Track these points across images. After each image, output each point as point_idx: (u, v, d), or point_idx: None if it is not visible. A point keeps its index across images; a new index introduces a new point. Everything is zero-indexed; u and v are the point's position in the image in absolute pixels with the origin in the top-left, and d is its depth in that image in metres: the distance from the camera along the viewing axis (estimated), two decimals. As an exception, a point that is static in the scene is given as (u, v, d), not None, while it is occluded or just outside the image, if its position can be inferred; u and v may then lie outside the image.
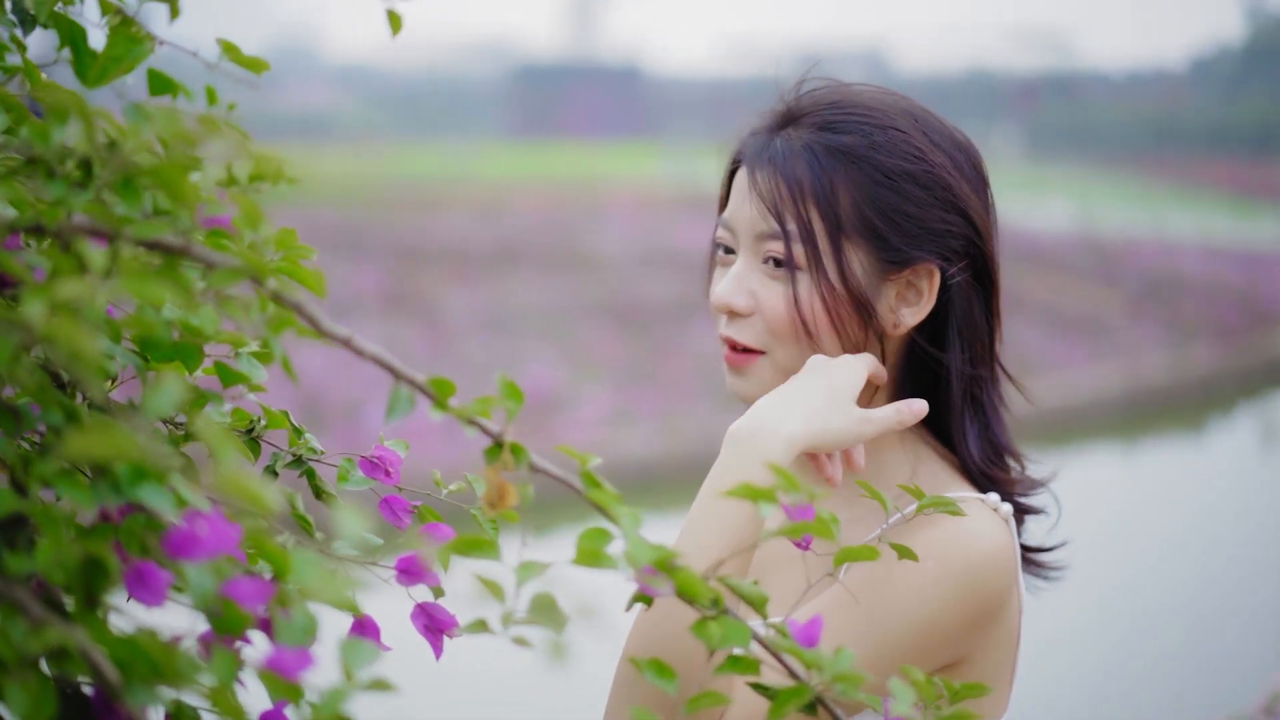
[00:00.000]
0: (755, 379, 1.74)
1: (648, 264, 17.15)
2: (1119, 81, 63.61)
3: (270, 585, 1.00)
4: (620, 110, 54.19)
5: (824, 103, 1.75)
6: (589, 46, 71.77)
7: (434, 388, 1.14)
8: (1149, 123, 49.18)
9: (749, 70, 71.40)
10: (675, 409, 11.94)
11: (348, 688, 0.96)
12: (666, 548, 1.11)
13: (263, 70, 1.22)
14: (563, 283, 16.24)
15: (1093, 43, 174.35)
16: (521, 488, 1.17)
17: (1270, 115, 48.22)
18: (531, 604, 1.11)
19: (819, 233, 1.69)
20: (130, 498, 0.98)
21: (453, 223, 18.88)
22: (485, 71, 63.99)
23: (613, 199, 22.98)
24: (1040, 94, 52.60)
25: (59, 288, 0.87)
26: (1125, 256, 18.80)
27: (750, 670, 1.16)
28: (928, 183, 1.70)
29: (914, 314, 1.73)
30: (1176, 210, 26.86)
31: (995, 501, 1.69)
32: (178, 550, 0.94)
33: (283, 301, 1.08)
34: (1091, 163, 36.17)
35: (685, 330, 14.60)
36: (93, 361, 0.86)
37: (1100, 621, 7.76)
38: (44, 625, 0.90)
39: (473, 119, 51.72)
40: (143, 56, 1.16)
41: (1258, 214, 28.04)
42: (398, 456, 1.40)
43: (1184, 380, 14.61)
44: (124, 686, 0.90)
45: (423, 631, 1.28)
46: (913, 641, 1.59)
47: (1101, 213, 22.79)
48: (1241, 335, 16.19)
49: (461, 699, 6.65)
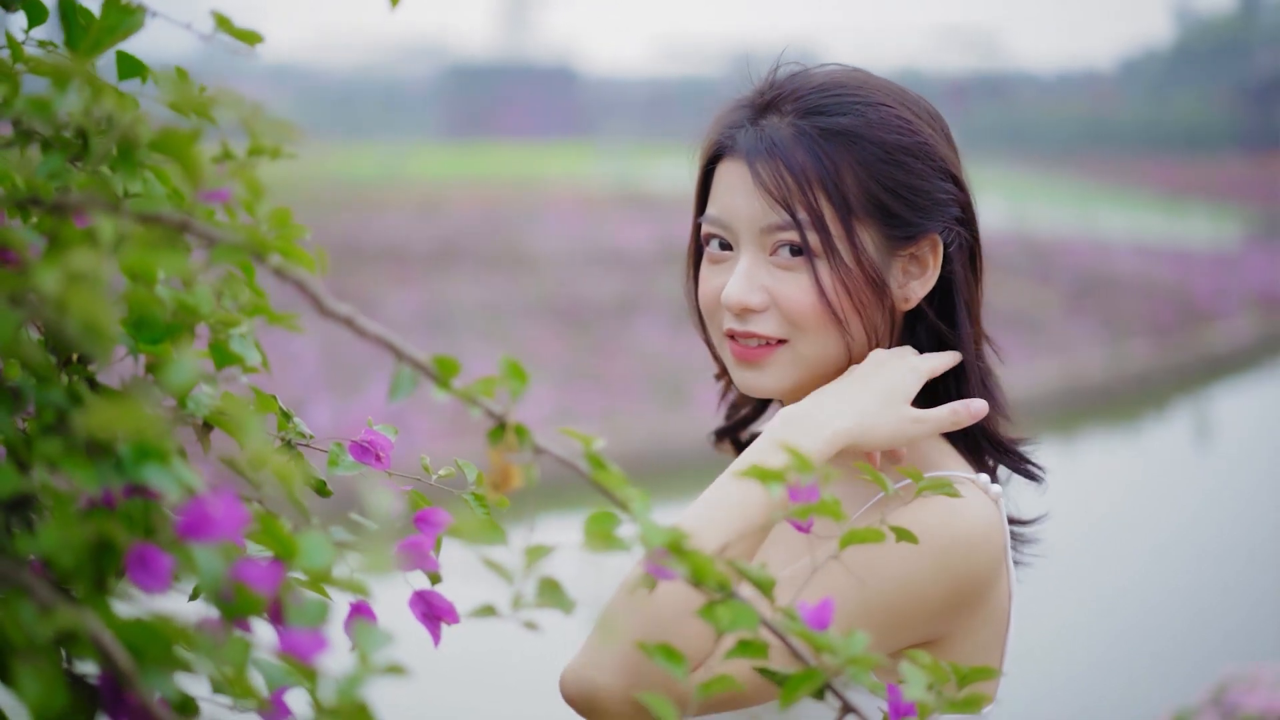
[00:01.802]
0: (775, 370, 1.72)
1: (588, 263, 17.13)
2: (1049, 82, 64.16)
3: (280, 567, 0.97)
4: (555, 110, 54.14)
5: (806, 87, 1.73)
6: (523, 47, 71.63)
7: (438, 367, 1.11)
8: (1079, 123, 49.61)
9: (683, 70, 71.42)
10: (619, 408, 11.92)
11: (363, 672, 0.93)
12: (679, 529, 1.09)
13: (256, 43, 1.19)
14: (502, 282, 16.18)
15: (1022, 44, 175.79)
16: (526, 469, 1.15)
17: (1199, 115, 48.80)
18: (539, 588, 1.09)
19: (830, 218, 1.67)
20: (134, 478, 0.95)
21: (390, 222, 18.79)
22: (419, 71, 63.79)
23: (550, 199, 22.95)
24: (971, 94, 52.95)
25: (72, 259, 0.84)
26: (1059, 255, 18.95)
27: (759, 654, 1.14)
28: (922, 154, 1.71)
29: (922, 285, 1.73)
30: (1108, 209, 27.11)
31: (986, 483, 1.68)
32: (191, 530, 0.91)
33: (285, 278, 1.05)
34: (1023, 162, 36.41)
35: (627, 329, 14.58)
36: (108, 333, 0.83)
37: (1038, 616, 7.80)
38: (53, 609, 0.87)
39: (406, 119, 51.57)
40: (135, 27, 1.13)
41: (1188, 212, 28.37)
42: (389, 441, 1.37)
43: (1119, 377, 14.73)
44: (137, 671, 0.87)
45: (421, 619, 1.25)
46: (889, 607, 1.59)
47: (1034, 212, 22.95)
48: (1175, 332, 16.35)
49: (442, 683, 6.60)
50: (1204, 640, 7.75)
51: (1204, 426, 13.97)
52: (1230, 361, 16.50)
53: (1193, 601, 8.55)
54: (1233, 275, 19.58)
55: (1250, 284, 19.07)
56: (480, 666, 6.53)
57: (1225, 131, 47.43)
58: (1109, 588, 8.58)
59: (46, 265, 0.83)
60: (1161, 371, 15.39)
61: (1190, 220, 26.89)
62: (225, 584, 0.93)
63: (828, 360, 1.70)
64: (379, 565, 0.87)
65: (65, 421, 0.97)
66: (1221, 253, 22.45)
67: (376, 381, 11.92)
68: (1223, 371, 16.18)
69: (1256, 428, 14.00)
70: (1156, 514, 10.52)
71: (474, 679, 6.63)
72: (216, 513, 0.92)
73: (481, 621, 1.13)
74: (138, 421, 0.83)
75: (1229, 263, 20.86)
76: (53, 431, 0.96)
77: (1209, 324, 17.01)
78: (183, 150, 0.98)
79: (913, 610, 1.60)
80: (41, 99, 1.00)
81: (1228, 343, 16.81)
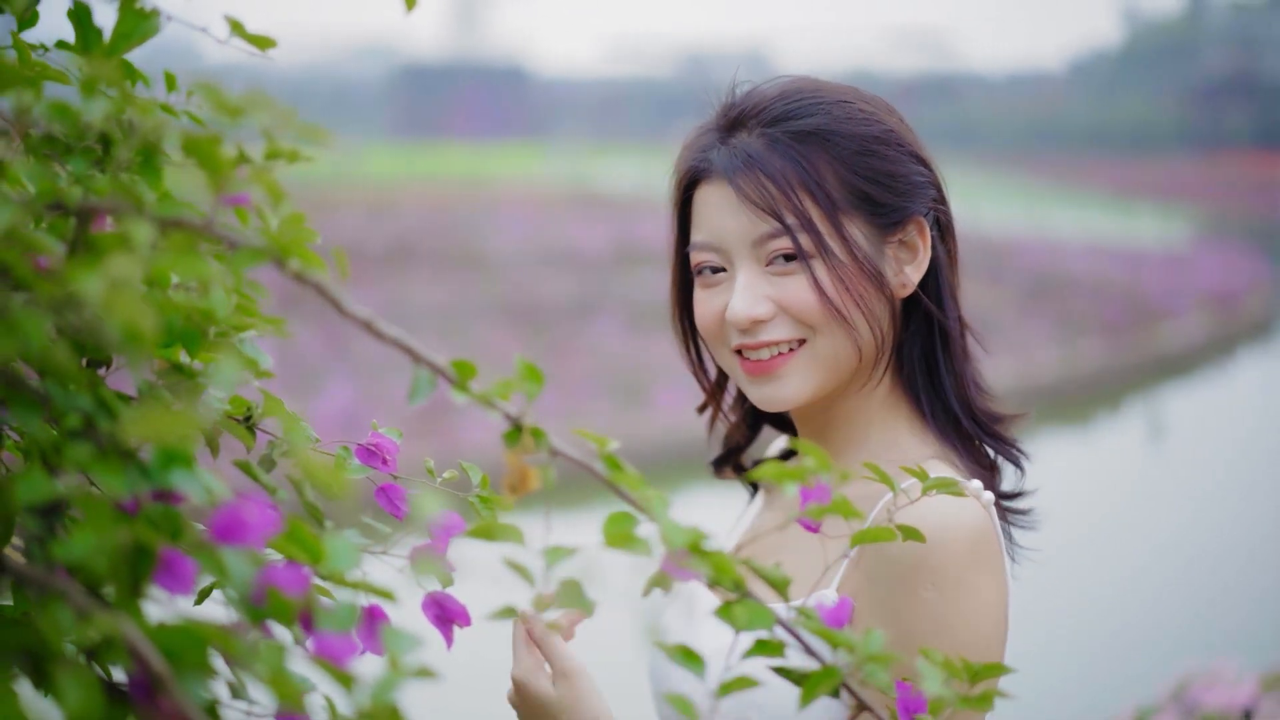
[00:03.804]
0: (794, 377, 1.72)
1: (543, 263, 17.11)
2: (998, 83, 64.55)
3: (307, 572, 0.97)
4: (505, 111, 54.06)
5: (767, 98, 1.76)
6: (473, 47, 71.49)
7: (456, 370, 1.12)
8: (1028, 123, 49.93)
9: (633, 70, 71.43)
10: (577, 408, 11.90)
11: (395, 676, 0.93)
12: (699, 529, 1.10)
13: (269, 47, 1.19)
14: (457, 282, 16.14)
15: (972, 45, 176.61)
16: (543, 470, 1.15)
17: (1146, 116, 49.15)
18: (560, 589, 1.09)
19: (817, 217, 1.69)
20: (160, 483, 0.95)
21: (342, 222, 18.69)
22: (368, 71, 63.60)
23: (503, 199, 22.92)
24: (921, 95, 53.21)
25: (112, 265, 0.84)
26: (1010, 255, 19.04)
27: (775, 653, 1.15)
28: (891, 140, 1.74)
29: (916, 270, 1.75)
30: (1058, 209, 27.29)
31: (978, 489, 1.68)
32: (225, 534, 0.91)
33: (305, 282, 1.06)
34: (973, 163, 36.63)
35: (585, 329, 14.57)
36: (148, 338, 0.83)
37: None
38: (90, 614, 0.87)
39: (356, 119, 51.38)
40: (151, 32, 1.13)
41: (1136, 212, 28.57)
42: (394, 444, 1.37)
43: (1073, 376, 14.82)
44: (173, 676, 0.87)
45: (434, 621, 1.25)
46: (977, 652, 1.61)
47: (984, 212, 23.07)
48: (1127, 332, 16.46)
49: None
50: (1161, 637, 7.82)
51: (1156, 425, 14.08)
52: (1182, 360, 16.64)
53: (1147, 598, 8.61)
54: (1183, 275, 19.74)
55: (1200, 284, 19.23)
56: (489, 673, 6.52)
57: (1173, 132, 47.84)
58: (1062, 585, 8.64)
59: (87, 271, 0.83)
60: (1114, 370, 15.50)
61: (1139, 220, 27.09)
62: (255, 588, 0.93)
63: (842, 360, 1.71)
64: (428, 568, 0.88)
65: (93, 427, 0.96)
66: (1172, 252, 22.63)
67: (333, 384, 11.87)
68: (1174, 370, 16.32)
69: (1208, 426, 14.12)
70: (1109, 512, 10.60)
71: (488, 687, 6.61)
72: (250, 517, 0.92)
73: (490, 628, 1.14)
74: (179, 427, 0.83)
75: (1180, 262, 21.03)
76: (80, 437, 0.96)
77: (1160, 323, 17.14)
78: (208, 154, 0.98)
79: (996, 636, 1.64)
80: (64, 104, 1.00)
81: (1179, 342, 16.95)
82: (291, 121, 0.95)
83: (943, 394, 1.76)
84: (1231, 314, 18.63)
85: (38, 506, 0.91)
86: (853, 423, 1.78)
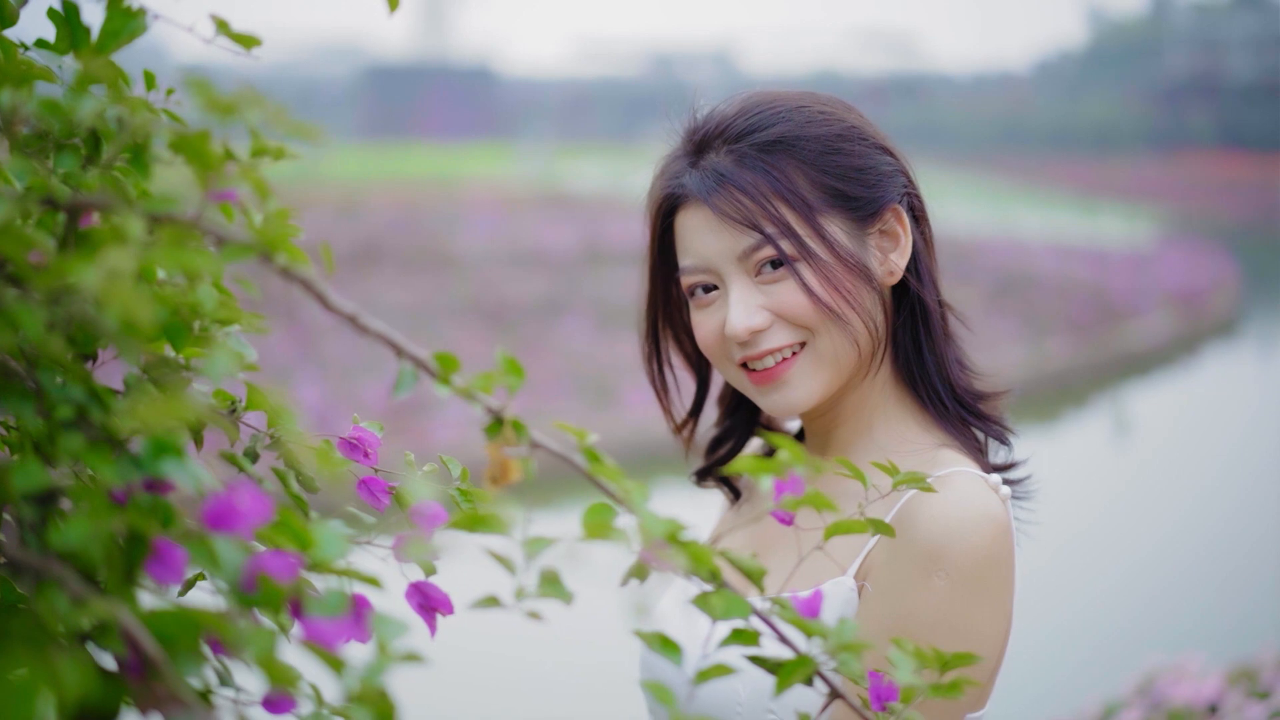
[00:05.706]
0: (800, 380, 1.76)
1: (511, 263, 17.11)
2: (964, 83, 64.74)
3: (298, 559, 0.99)
4: (473, 111, 53.96)
5: (728, 116, 1.80)
6: (440, 47, 71.33)
7: (438, 363, 1.14)
8: (994, 124, 50.11)
9: (601, 71, 71.38)
10: (546, 408, 11.91)
11: (384, 660, 0.95)
12: (677, 520, 1.12)
13: (254, 46, 1.20)
14: (425, 282, 16.13)
15: (938, 45, 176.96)
16: (524, 463, 1.18)
17: (1111, 116, 49.38)
18: (540, 579, 1.11)
19: (795, 222, 1.72)
20: (152, 472, 0.97)
21: (310, 223, 18.42)
22: (334, 72, 63.38)
23: (471, 199, 22.90)
24: (887, 95, 53.37)
25: (108, 257, 0.86)
26: (977, 254, 19.11)
27: (750, 642, 1.17)
28: (854, 136, 1.78)
29: (900, 255, 1.79)
30: (1024, 208, 27.40)
31: (997, 482, 1.73)
32: (217, 522, 0.93)
33: (291, 276, 1.08)
34: (939, 163, 36.75)
35: (552, 329, 14.57)
36: (144, 330, 0.85)
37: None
38: (86, 601, 0.89)
39: (323, 119, 51.15)
40: (139, 31, 1.15)
41: (1101, 212, 28.70)
42: (376, 437, 1.39)
43: (1039, 374, 14.89)
44: (168, 661, 0.89)
45: (418, 610, 1.27)
46: (992, 647, 1.68)
47: (951, 211, 23.15)
48: (1093, 330, 16.55)
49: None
50: (1126, 631, 7.87)
51: (1122, 422, 14.16)
52: (1147, 358, 16.74)
53: (1112, 592, 8.67)
54: (1148, 274, 19.85)
55: (1165, 283, 19.34)
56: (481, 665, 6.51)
57: (1137, 132, 48.09)
58: (1026, 580, 8.68)
59: (83, 262, 0.85)
60: (1080, 369, 15.59)
61: (1104, 219, 27.22)
62: (245, 575, 0.95)
63: (843, 356, 1.75)
64: (416, 551, 0.90)
65: (85, 417, 0.98)
66: (1137, 252, 22.75)
67: (302, 384, 11.85)
68: (1140, 368, 16.41)
69: (1173, 423, 14.22)
70: (1075, 509, 10.66)
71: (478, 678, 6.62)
72: (242, 505, 0.94)
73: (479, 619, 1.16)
74: (178, 415, 0.85)
75: (1144, 262, 21.14)
76: (73, 427, 0.98)
77: (1126, 322, 17.24)
78: (197, 151, 1.00)
79: (996, 637, 1.69)
80: (55, 101, 1.01)
81: (1144, 340, 17.05)
82: (282, 119, 0.97)
83: (927, 375, 1.80)
84: (1196, 312, 18.75)
85: (33, 495, 0.93)
86: (858, 415, 1.82)
